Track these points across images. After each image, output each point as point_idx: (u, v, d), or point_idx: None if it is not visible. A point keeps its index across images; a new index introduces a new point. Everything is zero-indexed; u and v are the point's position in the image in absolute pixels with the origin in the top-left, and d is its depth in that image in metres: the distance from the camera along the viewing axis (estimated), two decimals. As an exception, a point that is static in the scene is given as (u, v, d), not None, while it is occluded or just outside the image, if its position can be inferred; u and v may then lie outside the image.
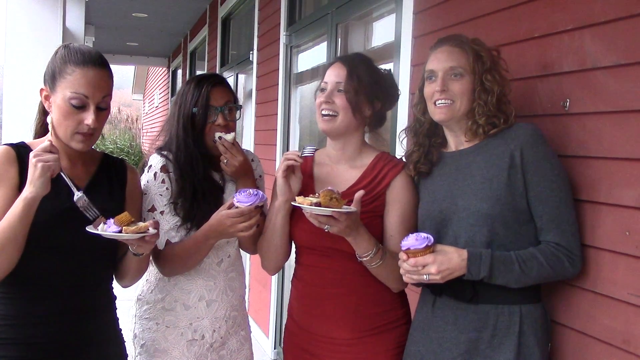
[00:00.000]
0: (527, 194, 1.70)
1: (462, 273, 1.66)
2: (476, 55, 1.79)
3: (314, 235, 1.89)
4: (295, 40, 4.58)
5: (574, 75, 1.80)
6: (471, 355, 1.73)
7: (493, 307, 1.72)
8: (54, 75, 1.77)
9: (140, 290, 2.19)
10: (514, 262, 1.66)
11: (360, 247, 1.84)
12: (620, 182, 1.63)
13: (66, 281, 1.80)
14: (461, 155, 1.84)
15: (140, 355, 2.12)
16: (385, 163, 1.99)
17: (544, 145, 1.72)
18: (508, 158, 1.71)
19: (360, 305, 1.96)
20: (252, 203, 1.87)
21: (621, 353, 1.61)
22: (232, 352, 2.21)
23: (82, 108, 1.74)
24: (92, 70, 1.75)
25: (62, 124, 1.76)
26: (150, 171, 2.08)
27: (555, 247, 1.68)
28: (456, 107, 1.79)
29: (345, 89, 1.95)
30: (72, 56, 1.77)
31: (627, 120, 1.62)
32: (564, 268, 1.68)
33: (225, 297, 2.15)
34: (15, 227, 1.64)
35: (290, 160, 1.93)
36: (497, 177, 1.71)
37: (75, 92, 1.73)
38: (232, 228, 1.92)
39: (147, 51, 13.56)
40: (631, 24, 1.61)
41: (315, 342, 2.01)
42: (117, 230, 1.69)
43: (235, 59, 6.84)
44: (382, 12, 3.39)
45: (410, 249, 1.65)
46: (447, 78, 1.79)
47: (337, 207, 1.71)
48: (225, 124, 2.08)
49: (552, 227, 1.68)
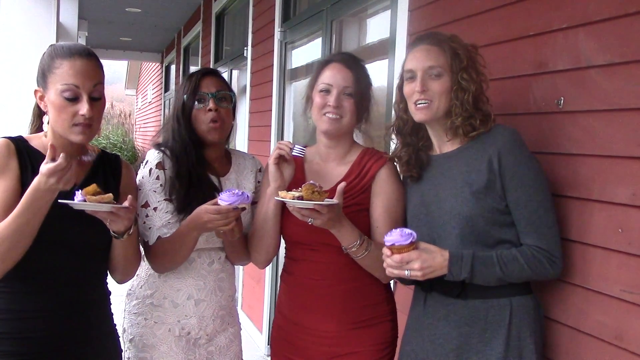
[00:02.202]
0: (506, 198, 1.71)
1: (443, 273, 1.68)
2: (453, 53, 1.79)
3: (302, 229, 1.92)
4: (290, 37, 4.58)
5: (568, 73, 1.81)
6: (463, 350, 1.75)
7: (483, 301, 1.73)
8: (44, 73, 1.79)
9: (130, 285, 2.19)
10: (495, 264, 1.68)
11: (344, 239, 1.87)
12: (614, 179, 1.65)
13: (62, 275, 1.81)
14: (444, 159, 1.85)
15: (129, 350, 2.13)
16: (370, 157, 2.03)
17: (522, 149, 1.73)
18: (486, 163, 1.72)
19: (347, 298, 1.99)
20: (232, 203, 1.87)
21: (613, 349, 1.63)
22: (221, 348, 2.22)
23: (75, 100, 1.76)
24: (79, 60, 1.77)
25: (58, 119, 1.77)
26: (145, 167, 2.09)
27: (536, 249, 1.69)
28: (434, 107, 1.79)
29: (354, 93, 1.98)
30: (58, 51, 1.79)
31: (621, 118, 1.63)
32: (545, 269, 1.70)
33: (214, 297, 2.16)
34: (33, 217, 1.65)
35: (282, 151, 1.97)
36: (476, 181, 1.73)
37: (66, 84, 1.74)
38: (210, 224, 1.92)
39: (140, 46, 13.52)
40: (625, 22, 1.62)
41: (302, 335, 2.04)
42: (82, 199, 1.68)
43: (230, 54, 6.83)
44: (377, 9, 3.39)
45: (395, 244, 1.66)
46: (426, 78, 1.80)
47: (319, 200, 1.75)
48: (216, 109, 2.08)
49: (531, 231, 1.70)
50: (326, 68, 2.04)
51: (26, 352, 1.75)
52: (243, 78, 6.14)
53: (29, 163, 1.75)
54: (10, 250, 1.67)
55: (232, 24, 7.09)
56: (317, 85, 2.03)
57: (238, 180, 2.21)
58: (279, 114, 4.68)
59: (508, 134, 1.74)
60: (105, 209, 1.70)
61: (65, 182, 1.63)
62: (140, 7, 8.86)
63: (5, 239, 1.65)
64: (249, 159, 2.31)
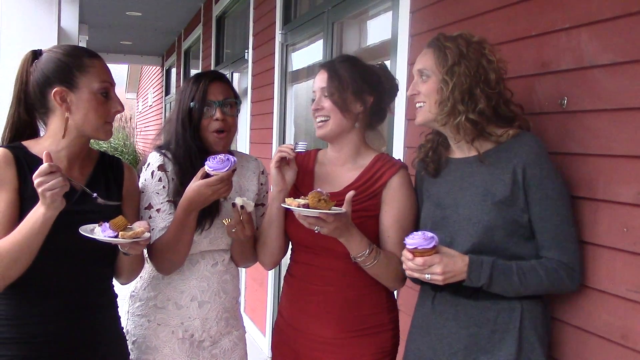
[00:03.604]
0: (529, 211, 1.70)
1: (462, 278, 1.67)
2: (442, 53, 1.76)
3: (308, 233, 1.90)
4: (291, 39, 4.58)
5: (571, 73, 1.81)
6: (471, 351, 1.74)
7: (494, 302, 1.72)
8: (71, 72, 1.77)
9: (133, 286, 2.19)
10: (513, 273, 1.67)
11: (353, 248, 1.85)
12: (618, 179, 1.64)
13: (67, 281, 1.80)
14: (465, 163, 1.83)
15: (132, 352, 2.12)
16: (384, 163, 2.00)
17: (547, 162, 1.71)
18: (511, 173, 1.70)
19: (347, 305, 1.97)
20: (229, 168, 1.89)
21: (619, 348, 1.62)
22: (226, 351, 2.21)
23: (107, 97, 1.82)
24: (102, 61, 1.86)
25: (92, 117, 1.80)
26: (148, 169, 2.08)
27: (557, 263, 1.68)
28: (426, 109, 1.79)
29: (329, 92, 1.98)
30: (79, 51, 1.84)
31: (624, 117, 1.63)
32: (563, 284, 1.69)
33: (217, 299, 2.15)
34: (32, 240, 1.65)
35: (283, 152, 1.96)
36: (500, 191, 1.71)
37: (103, 82, 1.81)
38: (214, 195, 1.93)
39: (140, 50, 13.52)
40: (628, 22, 1.62)
41: (301, 340, 2.03)
42: (114, 235, 1.70)
43: (230, 57, 6.83)
44: (378, 11, 3.39)
45: (418, 248, 1.64)
46: (418, 80, 1.82)
47: (325, 209, 1.72)
48: (223, 118, 2.08)
49: (554, 245, 1.69)
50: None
51: (33, 357, 1.75)
52: (244, 81, 6.14)
53: (28, 172, 1.72)
54: (9, 268, 1.67)
55: (232, 26, 7.09)
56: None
57: (240, 182, 2.21)
58: (280, 117, 4.68)
59: (534, 144, 1.71)
60: (130, 241, 1.72)
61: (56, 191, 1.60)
62: (140, 10, 8.86)
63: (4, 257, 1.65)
64: (252, 160, 2.30)
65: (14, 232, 1.66)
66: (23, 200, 1.73)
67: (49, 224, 1.65)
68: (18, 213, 1.72)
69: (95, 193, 1.74)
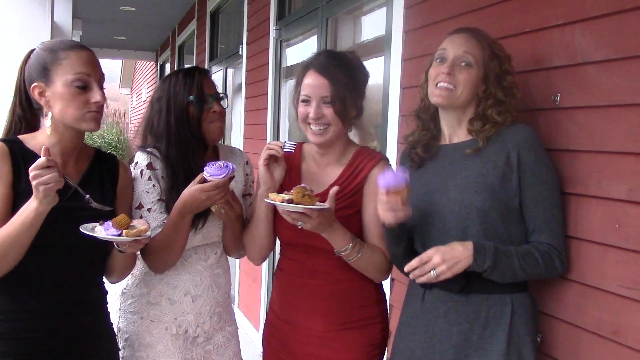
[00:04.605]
0: (520, 195, 1.71)
1: (468, 263, 1.66)
2: (492, 53, 1.79)
3: (293, 232, 1.91)
4: (285, 34, 4.57)
5: (564, 69, 1.81)
6: (462, 348, 1.74)
7: (484, 297, 1.73)
8: (46, 67, 1.77)
9: (125, 283, 2.18)
10: (513, 256, 1.67)
11: (336, 243, 1.86)
12: (611, 175, 1.65)
13: (59, 277, 1.80)
14: (456, 148, 1.84)
15: (124, 349, 2.11)
16: (364, 157, 2.00)
17: (541, 148, 1.73)
18: (505, 157, 1.71)
19: (336, 298, 1.98)
20: (225, 175, 1.89)
21: (611, 344, 1.63)
22: (219, 347, 2.21)
23: (84, 88, 1.77)
24: (84, 52, 1.80)
25: (68, 110, 1.76)
26: (136, 168, 2.06)
27: (548, 247, 1.70)
28: (456, 94, 1.78)
29: (332, 101, 1.93)
30: (57, 45, 1.80)
31: (617, 114, 1.64)
32: (555, 267, 1.71)
33: (210, 292, 2.15)
34: (22, 234, 1.65)
35: (272, 151, 1.93)
36: (492, 173, 1.72)
37: (77, 73, 1.76)
38: (209, 201, 1.93)
39: (134, 45, 13.46)
40: (621, 19, 1.63)
41: (291, 334, 2.04)
42: (117, 233, 1.70)
43: (224, 53, 6.81)
44: (372, 6, 3.39)
45: (392, 187, 1.65)
46: (456, 63, 1.78)
47: (310, 204, 1.72)
48: (220, 111, 2.10)
49: (546, 229, 1.71)
50: (305, 76, 1.99)
51: (25, 353, 1.75)
52: (238, 76, 6.13)
53: (23, 167, 1.72)
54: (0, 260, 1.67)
55: (226, 22, 7.08)
56: (299, 95, 2.00)
57: None
58: (274, 112, 4.68)
59: (528, 130, 1.74)
60: (131, 240, 1.72)
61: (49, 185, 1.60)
62: (134, 5, 8.82)
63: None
64: (236, 152, 2.31)
65: (6, 226, 1.66)
66: (16, 195, 1.72)
67: (41, 218, 1.64)
68: (11, 207, 1.71)
69: (88, 194, 1.74)
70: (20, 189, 1.72)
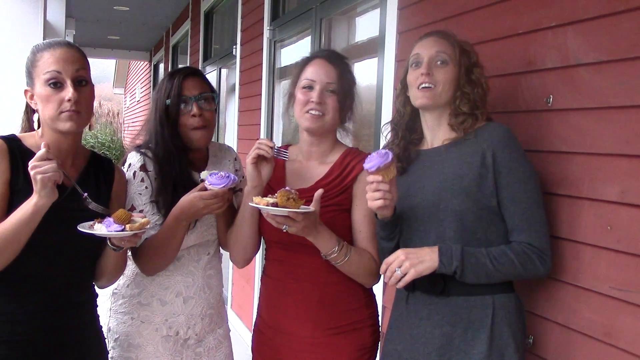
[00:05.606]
0: (498, 194, 1.71)
1: (433, 264, 1.67)
2: (462, 49, 1.82)
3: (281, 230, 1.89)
4: (279, 35, 4.57)
5: (557, 71, 1.82)
6: (445, 350, 1.73)
7: (464, 299, 1.72)
8: (29, 70, 1.80)
9: (116, 284, 2.17)
10: (484, 257, 1.67)
11: (322, 246, 1.85)
12: (603, 177, 1.65)
13: (51, 279, 1.79)
14: (434, 152, 1.85)
15: (114, 349, 2.10)
16: (353, 157, 1.99)
17: (516, 146, 1.73)
18: (479, 157, 1.71)
19: (323, 302, 1.95)
20: (225, 185, 1.89)
21: (603, 346, 1.63)
22: (210, 349, 2.21)
23: (60, 87, 1.75)
24: (59, 48, 1.79)
25: (46, 110, 1.76)
26: (129, 170, 2.06)
27: (527, 247, 1.68)
28: (437, 93, 1.79)
29: (337, 90, 1.95)
30: (39, 47, 1.81)
31: (609, 116, 1.64)
32: (535, 267, 1.69)
33: (202, 294, 2.14)
34: (20, 231, 1.64)
35: (261, 151, 1.90)
36: (467, 174, 1.72)
37: (48, 71, 1.75)
38: (206, 209, 1.93)
39: (128, 45, 13.42)
40: (613, 21, 1.63)
41: (280, 340, 2.02)
42: (121, 228, 1.69)
43: (218, 53, 6.80)
44: (366, 7, 3.39)
45: (381, 167, 1.66)
46: (432, 63, 1.80)
47: (294, 208, 1.71)
48: (200, 114, 2.05)
49: (525, 228, 1.69)
50: (309, 64, 2.00)
51: (15, 355, 1.73)
52: (232, 76, 6.12)
53: (20, 165, 1.72)
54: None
55: (220, 22, 7.06)
56: (300, 82, 1.99)
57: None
58: (268, 113, 4.67)
59: (503, 130, 1.74)
60: (132, 234, 1.72)
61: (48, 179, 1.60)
62: (128, 5, 8.79)
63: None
64: (225, 150, 2.31)
65: (3, 223, 1.65)
66: (13, 194, 1.71)
67: (40, 214, 1.63)
68: (7, 206, 1.71)
69: (86, 193, 1.73)
70: (18, 187, 1.71)
